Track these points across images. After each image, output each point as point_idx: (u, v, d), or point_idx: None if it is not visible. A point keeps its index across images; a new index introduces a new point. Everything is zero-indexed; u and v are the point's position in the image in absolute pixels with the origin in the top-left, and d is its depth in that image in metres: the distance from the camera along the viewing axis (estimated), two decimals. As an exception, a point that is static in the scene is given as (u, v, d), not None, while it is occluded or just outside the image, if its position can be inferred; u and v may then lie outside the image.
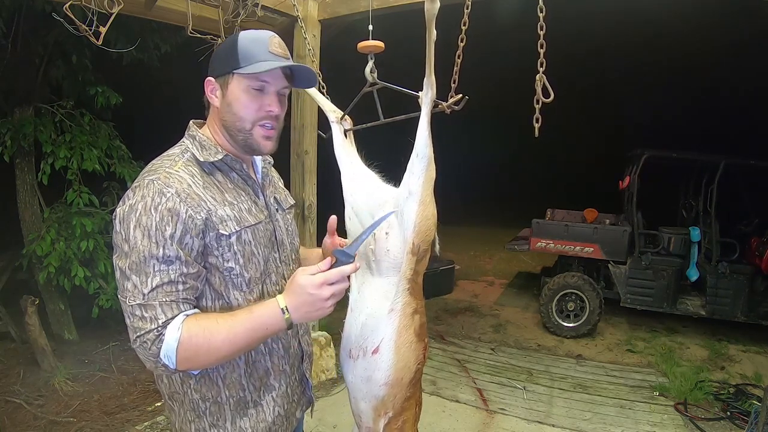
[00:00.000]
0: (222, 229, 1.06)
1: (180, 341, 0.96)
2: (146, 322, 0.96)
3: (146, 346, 0.96)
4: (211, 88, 1.12)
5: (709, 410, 3.34)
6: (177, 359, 0.96)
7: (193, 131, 1.15)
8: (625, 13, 6.42)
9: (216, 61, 1.12)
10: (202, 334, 0.98)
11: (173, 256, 0.98)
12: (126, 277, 0.98)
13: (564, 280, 4.75)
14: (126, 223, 0.99)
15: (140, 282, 0.96)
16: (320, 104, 1.77)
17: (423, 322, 1.43)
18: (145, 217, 0.98)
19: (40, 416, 3.07)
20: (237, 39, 1.09)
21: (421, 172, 1.32)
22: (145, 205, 0.98)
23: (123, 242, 0.99)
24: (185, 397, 1.12)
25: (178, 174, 1.04)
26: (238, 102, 1.10)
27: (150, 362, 0.98)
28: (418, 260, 1.36)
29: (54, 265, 3.50)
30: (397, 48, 2.38)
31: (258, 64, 1.07)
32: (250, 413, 1.16)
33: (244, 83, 1.09)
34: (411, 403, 1.45)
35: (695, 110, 9.60)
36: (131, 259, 0.97)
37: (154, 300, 0.96)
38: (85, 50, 3.77)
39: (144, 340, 0.96)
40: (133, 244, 0.97)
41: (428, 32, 1.26)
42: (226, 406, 1.13)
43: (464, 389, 3.57)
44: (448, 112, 1.55)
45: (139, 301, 0.96)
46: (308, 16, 3.24)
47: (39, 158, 3.81)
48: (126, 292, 0.97)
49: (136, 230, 0.97)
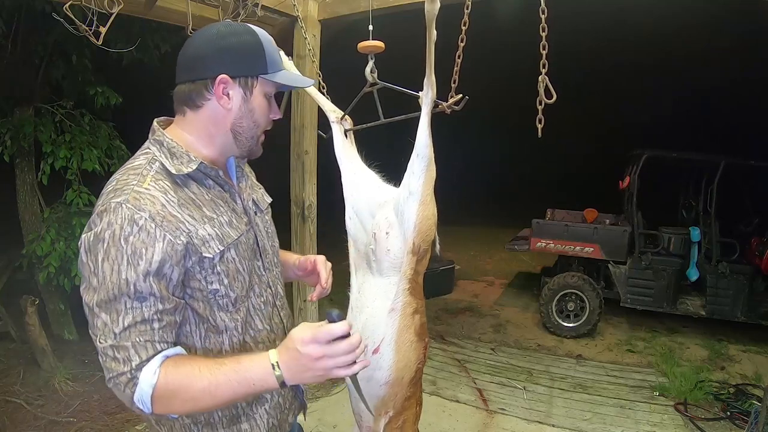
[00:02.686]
0: (205, 252, 0.95)
1: (155, 387, 0.86)
2: (119, 363, 0.86)
3: (119, 388, 0.88)
4: (223, 88, 0.97)
5: (709, 410, 3.34)
6: (152, 405, 0.87)
7: (159, 135, 1.00)
8: (625, 12, 6.42)
9: (233, 55, 0.96)
10: (179, 381, 0.88)
11: (147, 292, 0.87)
12: (95, 315, 0.87)
13: (564, 280, 4.75)
14: (93, 254, 0.87)
15: (111, 320, 0.86)
16: (320, 104, 1.77)
17: (423, 321, 1.44)
18: (114, 249, 0.85)
19: (40, 416, 3.07)
20: (260, 37, 0.99)
21: (421, 172, 1.32)
22: (113, 234, 0.86)
23: (90, 275, 0.87)
24: (175, 423, 1.03)
25: (149, 193, 0.90)
26: (260, 108, 1.02)
27: (124, 401, 0.90)
28: (419, 260, 1.37)
29: (54, 265, 3.50)
30: (397, 48, 2.38)
31: (283, 74, 1.02)
32: (244, 428, 1.08)
33: (264, 89, 1.01)
34: (411, 402, 1.46)
35: (695, 110, 9.60)
36: (100, 295, 0.86)
37: (126, 341, 0.86)
38: (85, 50, 3.77)
39: (117, 382, 0.87)
40: (101, 278, 0.86)
41: (428, 33, 1.26)
42: (219, 426, 1.05)
43: (464, 389, 3.57)
44: (449, 113, 1.55)
45: (111, 342, 0.86)
46: (308, 16, 3.24)
47: (39, 158, 3.81)
48: (96, 329, 0.88)
49: (104, 263, 0.86)
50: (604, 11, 6.24)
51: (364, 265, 1.47)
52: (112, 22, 2.16)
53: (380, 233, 1.39)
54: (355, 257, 1.52)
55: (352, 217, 1.53)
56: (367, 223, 1.44)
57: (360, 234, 1.51)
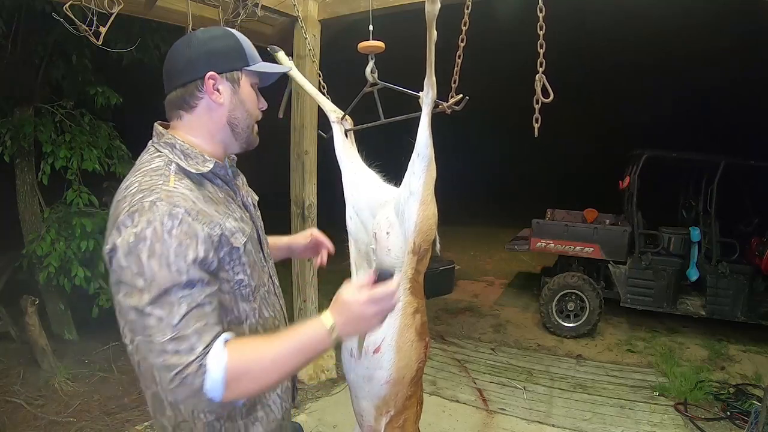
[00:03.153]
0: (235, 242, 1.00)
1: (226, 368, 0.86)
2: (182, 355, 0.85)
3: (187, 382, 0.85)
4: (212, 84, 1.02)
5: (709, 410, 3.34)
6: (224, 388, 0.87)
7: (170, 138, 1.03)
8: (625, 12, 6.41)
9: (216, 54, 1.03)
10: (247, 358, 0.90)
11: (196, 279, 0.89)
12: (146, 315, 0.85)
13: (564, 280, 4.75)
14: (135, 255, 0.86)
15: (166, 314, 0.85)
16: (321, 104, 1.78)
17: (424, 321, 1.44)
18: (159, 244, 0.86)
19: (40, 416, 3.07)
20: (237, 37, 1.07)
21: (422, 172, 1.33)
22: (155, 231, 0.87)
23: (135, 277, 0.86)
24: (197, 423, 1.02)
25: (178, 191, 0.93)
26: (249, 98, 1.08)
27: (190, 400, 0.87)
28: (419, 260, 1.37)
29: (54, 265, 3.49)
30: (397, 48, 2.38)
31: (262, 64, 1.09)
32: (260, 416, 1.10)
33: (251, 80, 1.08)
34: (412, 401, 1.47)
35: (695, 110, 9.61)
36: (151, 293, 0.85)
37: (186, 329, 0.86)
38: (85, 50, 3.77)
39: (183, 376, 0.85)
40: (150, 276, 0.85)
41: (429, 33, 1.26)
42: (238, 418, 1.06)
43: (464, 389, 3.58)
44: (449, 113, 1.55)
45: (170, 335, 0.85)
46: (308, 16, 3.24)
47: (39, 158, 3.81)
48: (149, 329, 0.85)
49: (150, 261, 0.86)
50: (604, 11, 6.25)
51: (365, 265, 1.47)
52: (112, 22, 2.17)
53: (381, 233, 1.39)
54: (356, 257, 1.53)
55: (353, 217, 1.54)
56: (368, 222, 1.44)
57: (361, 234, 1.52)
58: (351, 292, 0.97)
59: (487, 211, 11.44)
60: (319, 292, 3.74)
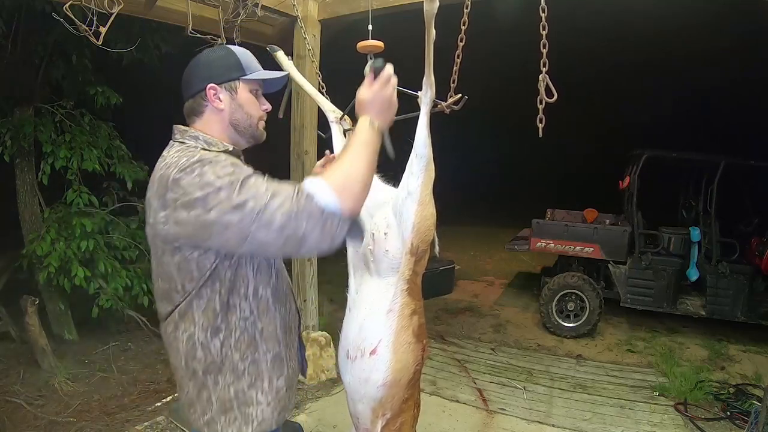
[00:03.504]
0: None
1: (324, 179, 1.03)
2: (287, 197, 1.00)
3: (305, 207, 0.99)
4: (213, 93, 1.20)
5: (709, 410, 3.34)
6: (334, 192, 1.01)
7: (193, 132, 1.20)
8: (625, 12, 6.41)
9: (215, 69, 1.22)
10: (331, 168, 1.09)
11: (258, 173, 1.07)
12: (239, 205, 0.98)
13: (564, 280, 4.75)
14: (205, 181, 1.01)
15: (254, 190, 1.00)
16: (320, 104, 1.78)
17: (422, 323, 1.43)
18: (221, 167, 1.03)
19: (40, 416, 3.07)
20: (234, 52, 1.25)
21: (420, 172, 1.32)
22: (212, 166, 1.03)
23: (213, 194, 0.99)
24: (225, 362, 1.17)
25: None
26: (249, 103, 1.25)
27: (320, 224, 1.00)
28: (417, 261, 1.36)
29: (54, 265, 3.49)
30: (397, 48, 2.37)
31: (260, 72, 1.26)
32: (286, 373, 1.26)
33: (249, 87, 1.25)
34: (409, 404, 1.45)
35: (695, 110, 9.60)
36: (233, 187, 0.99)
37: (275, 186, 1.02)
38: (85, 50, 3.77)
39: (297, 207, 0.99)
40: (228, 182, 1.00)
41: (427, 32, 1.26)
42: (263, 364, 1.21)
43: (464, 389, 3.57)
44: (447, 112, 1.55)
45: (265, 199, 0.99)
46: (308, 16, 3.24)
47: (39, 158, 3.81)
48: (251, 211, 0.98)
49: (219, 172, 1.01)
50: (605, 11, 6.24)
51: (362, 266, 1.47)
52: (112, 22, 2.17)
53: (378, 234, 1.39)
54: (353, 258, 1.52)
55: (351, 218, 1.53)
56: (366, 223, 1.43)
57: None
58: (363, 91, 1.18)
59: (487, 211, 11.43)
60: (319, 292, 3.74)
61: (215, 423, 1.19)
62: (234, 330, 1.16)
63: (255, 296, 1.19)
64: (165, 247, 1.11)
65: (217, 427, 1.19)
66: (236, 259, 1.13)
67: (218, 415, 1.19)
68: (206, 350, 1.16)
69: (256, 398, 1.21)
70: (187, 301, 1.13)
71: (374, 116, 1.16)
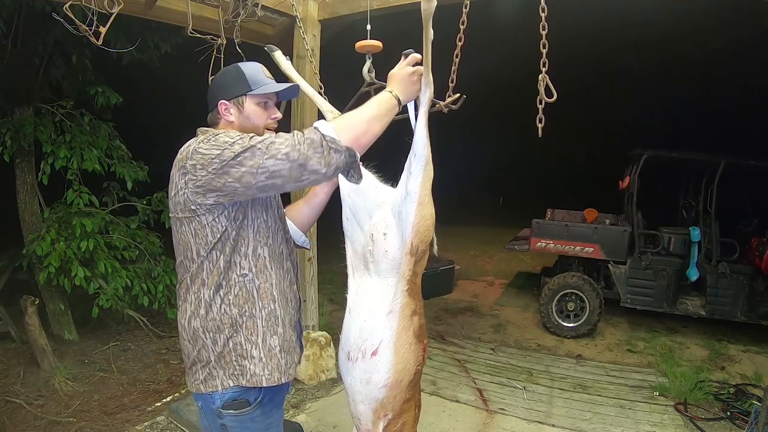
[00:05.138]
0: None
1: (328, 122, 1.21)
2: (291, 136, 1.19)
3: (309, 138, 1.18)
4: (224, 108, 1.37)
5: (709, 410, 3.34)
6: (336, 130, 1.19)
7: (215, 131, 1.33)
8: (625, 13, 6.41)
9: (224, 87, 1.38)
10: (342, 116, 1.29)
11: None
12: (252, 147, 1.16)
13: (564, 280, 4.75)
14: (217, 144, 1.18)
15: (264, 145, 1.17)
16: (318, 104, 1.78)
17: (422, 323, 1.43)
18: (225, 133, 1.21)
19: (40, 416, 3.07)
20: (241, 69, 1.39)
21: (418, 172, 1.32)
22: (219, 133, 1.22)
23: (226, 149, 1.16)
24: (224, 317, 1.30)
25: None
26: (255, 114, 1.38)
27: (321, 150, 1.17)
28: (417, 261, 1.36)
29: (54, 265, 3.49)
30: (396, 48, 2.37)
31: (264, 87, 1.38)
32: (279, 332, 1.36)
33: (255, 100, 1.38)
34: (410, 404, 1.45)
35: (695, 110, 9.59)
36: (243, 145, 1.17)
37: (284, 135, 1.20)
38: (85, 50, 3.77)
39: (302, 139, 1.17)
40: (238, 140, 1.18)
41: (425, 31, 1.26)
42: (258, 320, 1.32)
43: (464, 389, 3.57)
44: (446, 111, 1.55)
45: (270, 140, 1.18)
46: (308, 16, 3.24)
47: (39, 158, 3.81)
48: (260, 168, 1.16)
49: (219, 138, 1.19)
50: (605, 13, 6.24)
51: (361, 267, 1.46)
52: (112, 22, 2.17)
53: (378, 234, 1.39)
54: (352, 258, 1.52)
55: (349, 218, 1.53)
56: (365, 224, 1.43)
57: (357, 235, 1.51)
58: (394, 69, 1.38)
59: (487, 211, 11.43)
60: (318, 292, 3.74)
61: (213, 378, 1.31)
62: (233, 286, 1.29)
63: (254, 255, 1.32)
64: (183, 217, 1.26)
65: (216, 382, 1.31)
66: (241, 219, 1.28)
67: (217, 370, 1.31)
68: (208, 307, 1.30)
69: (251, 352, 1.31)
70: (198, 264, 1.29)
71: (396, 87, 1.34)
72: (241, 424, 1.34)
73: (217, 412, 1.33)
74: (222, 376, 1.30)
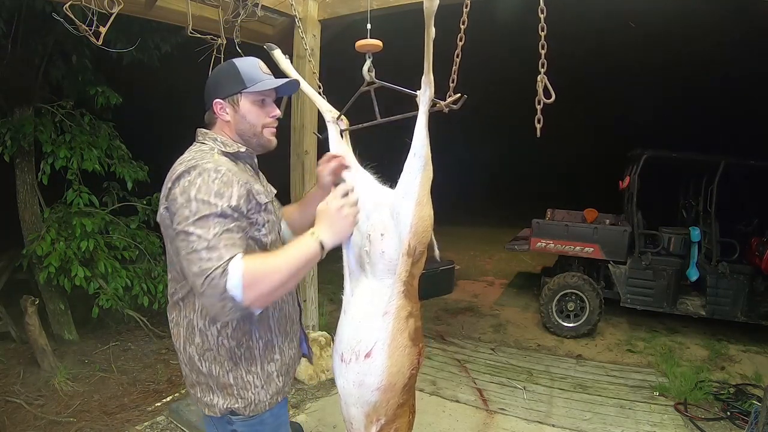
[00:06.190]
0: (259, 199, 1.29)
1: (243, 271, 1.10)
2: (212, 261, 1.10)
3: (214, 282, 1.09)
4: (219, 107, 1.34)
5: (709, 410, 3.34)
6: (243, 287, 1.10)
7: (212, 135, 1.35)
8: (625, 12, 6.41)
9: (219, 85, 1.34)
10: (260, 264, 1.15)
11: (229, 213, 1.17)
12: (190, 234, 1.13)
13: (564, 280, 4.74)
14: (187, 193, 1.16)
15: (204, 233, 1.12)
16: (317, 104, 1.77)
17: (418, 326, 1.41)
18: (205, 186, 1.16)
19: (40, 416, 3.07)
20: (236, 66, 1.34)
21: (417, 172, 1.31)
22: (203, 178, 1.17)
23: (184, 208, 1.15)
24: (221, 349, 1.29)
25: (222, 159, 1.27)
26: (251, 113, 1.35)
27: (217, 301, 1.10)
28: (414, 262, 1.35)
29: (54, 265, 3.49)
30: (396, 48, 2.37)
31: (260, 83, 1.33)
32: (276, 358, 1.37)
33: (251, 98, 1.34)
34: (404, 409, 1.42)
35: (695, 110, 9.58)
36: (195, 218, 1.14)
37: (217, 244, 1.12)
38: (85, 50, 3.77)
39: (211, 277, 1.09)
40: (195, 208, 1.14)
41: (427, 30, 1.25)
42: (255, 351, 1.32)
43: (464, 389, 3.57)
44: (446, 111, 1.54)
45: (204, 245, 1.11)
46: (308, 16, 3.24)
47: (39, 158, 3.81)
48: (191, 243, 1.12)
49: (197, 196, 1.15)
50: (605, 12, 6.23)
51: (358, 268, 1.45)
52: (112, 22, 2.17)
53: (375, 234, 1.38)
54: (349, 259, 1.50)
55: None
56: (362, 224, 1.41)
57: (355, 235, 1.50)
58: (323, 203, 1.29)
59: (487, 211, 11.43)
60: (319, 292, 3.74)
61: (215, 403, 1.32)
62: (231, 320, 1.27)
63: None
64: (167, 233, 1.26)
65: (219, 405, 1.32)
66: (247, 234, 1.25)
67: (218, 396, 1.32)
68: (204, 336, 1.29)
69: (253, 382, 1.32)
70: (189, 289, 1.27)
71: (321, 229, 1.25)
72: (251, 428, 1.35)
73: (227, 418, 1.34)
74: (225, 401, 1.31)
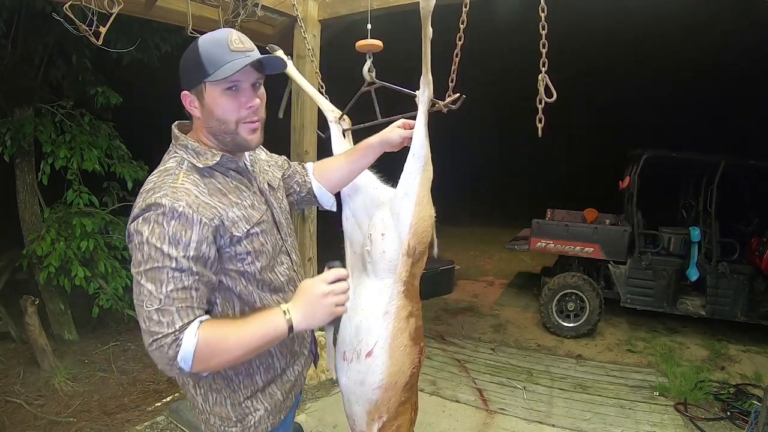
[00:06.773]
0: (235, 231, 1.11)
1: (197, 345, 0.99)
2: (163, 326, 0.98)
3: (163, 350, 0.98)
4: (189, 101, 1.13)
5: (709, 410, 3.34)
6: (193, 362, 0.99)
7: (183, 141, 1.14)
8: (625, 12, 6.41)
9: (185, 74, 1.12)
10: (216, 338, 1.02)
11: (186, 266, 1.01)
12: (141, 284, 1.00)
13: (564, 280, 4.74)
14: (139, 235, 1.01)
15: (155, 289, 0.99)
16: (319, 104, 1.78)
17: (419, 325, 1.42)
18: (159, 229, 1.00)
19: (40, 416, 3.07)
20: (198, 47, 1.08)
21: (417, 172, 1.31)
22: (157, 219, 1.01)
23: (137, 252, 1.02)
24: (216, 377, 1.17)
25: (184, 187, 1.06)
26: (218, 107, 1.10)
27: (165, 365, 1.01)
28: (414, 262, 1.35)
29: (54, 265, 3.50)
30: (396, 48, 2.37)
31: (225, 67, 1.06)
32: (279, 379, 1.26)
33: (218, 88, 1.08)
34: (406, 407, 1.44)
35: (695, 110, 9.58)
36: (146, 267, 1.00)
37: (170, 305, 0.99)
38: (85, 50, 3.78)
39: (161, 344, 0.98)
40: (147, 254, 1.00)
41: (424, 30, 1.26)
42: (256, 376, 1.21)
43: (464, 389, 3.57)
44: (445, 111, 1.54)
45: (156, 306, 0.98)
46: (308, 16, 3.24)
47: (39, 158, 3.81)
48: (142, 296, 1.00)
49: (150, 239, 1.00)
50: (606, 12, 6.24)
51: (359, 267, 1.46)
52: (112, 22, 2.17)
53: (376, 234, 1.38)
54: (351, 258, 1.51)
55: (349, 218, 1.53)
56: (364, 224, 1.42)
57: (356, 235, 1.50)
58: (308, 283, 1.12)
59: (487, 211, 11.42)
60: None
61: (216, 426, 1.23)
62: None
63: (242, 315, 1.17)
64: None
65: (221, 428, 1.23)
66: (216, 280, 1.11)
67: (220, 426, 1.22)
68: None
69: (254, 406, 1.22)
70: None
71: (294, 308, 1.09)
72: None
73: None
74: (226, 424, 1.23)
